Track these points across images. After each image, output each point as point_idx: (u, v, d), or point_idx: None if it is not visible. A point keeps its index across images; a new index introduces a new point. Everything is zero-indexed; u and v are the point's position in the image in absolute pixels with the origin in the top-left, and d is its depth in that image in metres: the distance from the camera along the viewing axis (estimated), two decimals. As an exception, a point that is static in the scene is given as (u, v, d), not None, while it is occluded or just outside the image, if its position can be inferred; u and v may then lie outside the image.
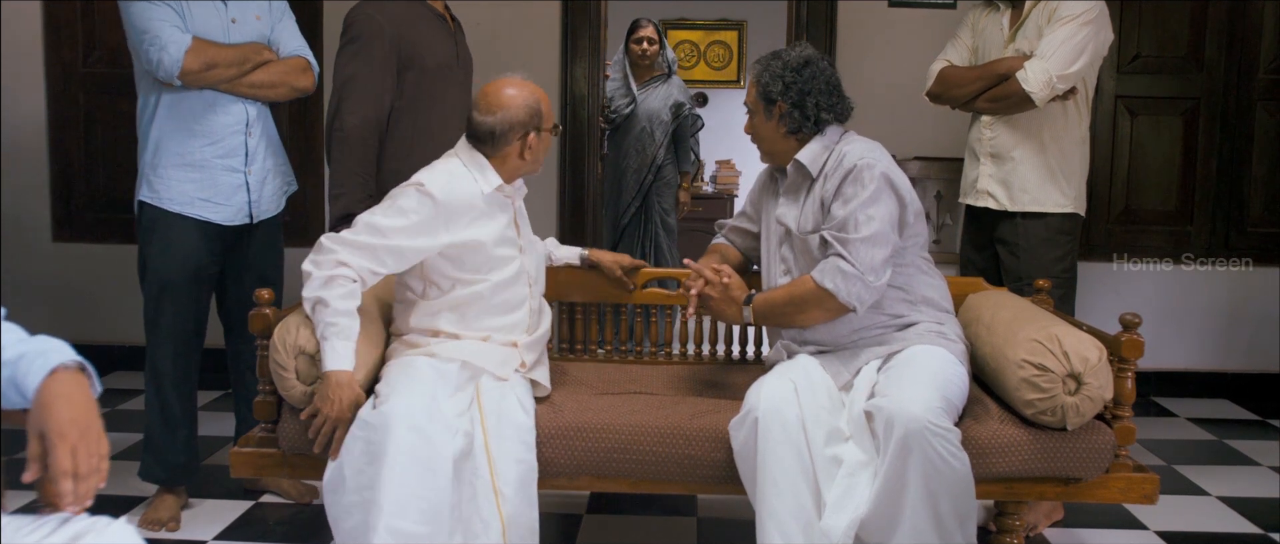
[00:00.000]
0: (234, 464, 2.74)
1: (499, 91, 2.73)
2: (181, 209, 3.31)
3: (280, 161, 3.53)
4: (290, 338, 2.57)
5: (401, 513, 2.41)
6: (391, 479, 2.41)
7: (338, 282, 2.56)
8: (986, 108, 3.53)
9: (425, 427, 2.45)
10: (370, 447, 2.46)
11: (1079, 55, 3.37)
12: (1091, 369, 2.52)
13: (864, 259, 2.62)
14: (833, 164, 2.75)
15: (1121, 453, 2.64)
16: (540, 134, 2.77)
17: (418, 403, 2.48)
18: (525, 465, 2.56)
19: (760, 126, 2.85)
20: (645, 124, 5.64)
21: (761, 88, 2.81)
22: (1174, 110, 4.91)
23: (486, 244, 2.70)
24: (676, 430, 2.65)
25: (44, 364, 1.70)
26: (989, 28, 3.62)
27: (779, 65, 2.80)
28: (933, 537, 2.41)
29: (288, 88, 3.40)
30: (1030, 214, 3.53)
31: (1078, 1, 3.39)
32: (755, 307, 2.77)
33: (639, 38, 5.68)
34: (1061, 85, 3.37)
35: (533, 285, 2.87)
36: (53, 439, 1.63)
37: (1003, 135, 3.54)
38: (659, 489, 2.72)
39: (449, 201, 2.64)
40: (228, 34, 3.30)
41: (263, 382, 2.70)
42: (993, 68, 3.49)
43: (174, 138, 3.30)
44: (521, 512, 2.53)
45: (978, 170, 3.64)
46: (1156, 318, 4.97)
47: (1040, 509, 3.36)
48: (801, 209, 2.81)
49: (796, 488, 2.47)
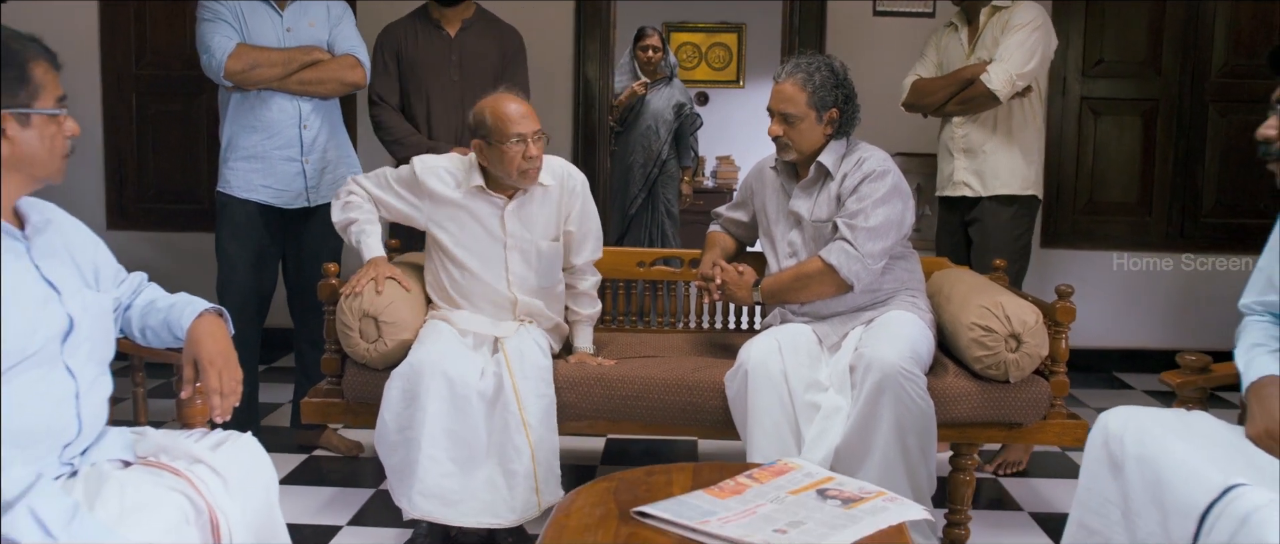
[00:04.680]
0: (305, 411, 3.22)
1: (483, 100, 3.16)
2: (247, 195, 3.80)
3: (344, 152, 3.99)
4: (355, 305, 3.05)
5: (436, 444, 2.92)
6: (426, 418, 2.91)
7: (353, 203, 3.25)
8: (956, 109, 4.02)
9: (451, 370, 2.93)
10: (406, 393, 2.95)
11: (1032, 56, 3.88)
12: (1029, 330, 2.99)
13: (867, 246, 3.06)
14: (850, 165, 3.17)
15: (1056, 402, 3.11)
16: (490, 145, 3.09)
17: (445, 350, 2.97)
18: (546, 399, 3.04)
19: (807, 131, 3.16)
20: (650, 123, 6.10)
21: (815, 96, 3.13)
22: (1134, 111, 5.34)
23: (453, 230, 3.17)
24: (680, 382, 3.12)
25: (192, 310, 2.19)
26: (950, 45, 4.12)
27: (828, 75, 3.15)
28: (900, 466, 2.86)
29: (337, 83, 3.85)
30: (1000, 197, 4.02)
31: (1027, 10, 3.90)
32: (763, 288, 3.21)
33: (645, 45, 6.12)
34: (1020, 83, 3.87)
35: (514, 286, 3.22)
36: (204, 365, 2.13)
37: (973, 132, 4.04)
38: (665, 432, 3.20)
39: (425, 181, 3.18)
40: (282, 40, 3.77)
41: (329, 341, 3.18)
42: (959, 74, 3.99)
43: (240, 133, 3.79)
44: (545, 438, 3.01)
45: (953, 165, 4.12)
46: (1118, 301, 5.44)
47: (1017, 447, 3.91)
48: (815, 201, 3.23)
49: (779, 428, 2.94)
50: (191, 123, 5.41)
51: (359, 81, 3.90)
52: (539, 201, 3.21)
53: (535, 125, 3.09)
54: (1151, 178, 5.39)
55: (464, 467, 2.95)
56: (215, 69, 3.67)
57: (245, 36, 3.72)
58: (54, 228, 2.06)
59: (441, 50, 4.04)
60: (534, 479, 2.97)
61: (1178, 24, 5.26)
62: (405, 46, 4.07)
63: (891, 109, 4.34)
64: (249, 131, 3.79)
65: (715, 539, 1.91)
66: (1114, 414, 2.16)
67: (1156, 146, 5.36)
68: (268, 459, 2.18)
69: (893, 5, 5.25)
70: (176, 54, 5.35)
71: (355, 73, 3.88)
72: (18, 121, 1.89)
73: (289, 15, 3.81)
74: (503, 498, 2.97)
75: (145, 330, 2.26)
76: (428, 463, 2.91)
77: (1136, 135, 5.37)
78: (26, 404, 1.87)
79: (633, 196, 6.10)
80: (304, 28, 3.83)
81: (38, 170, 1.95)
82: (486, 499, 2.97)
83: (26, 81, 1.90)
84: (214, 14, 3.70)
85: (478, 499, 2.96)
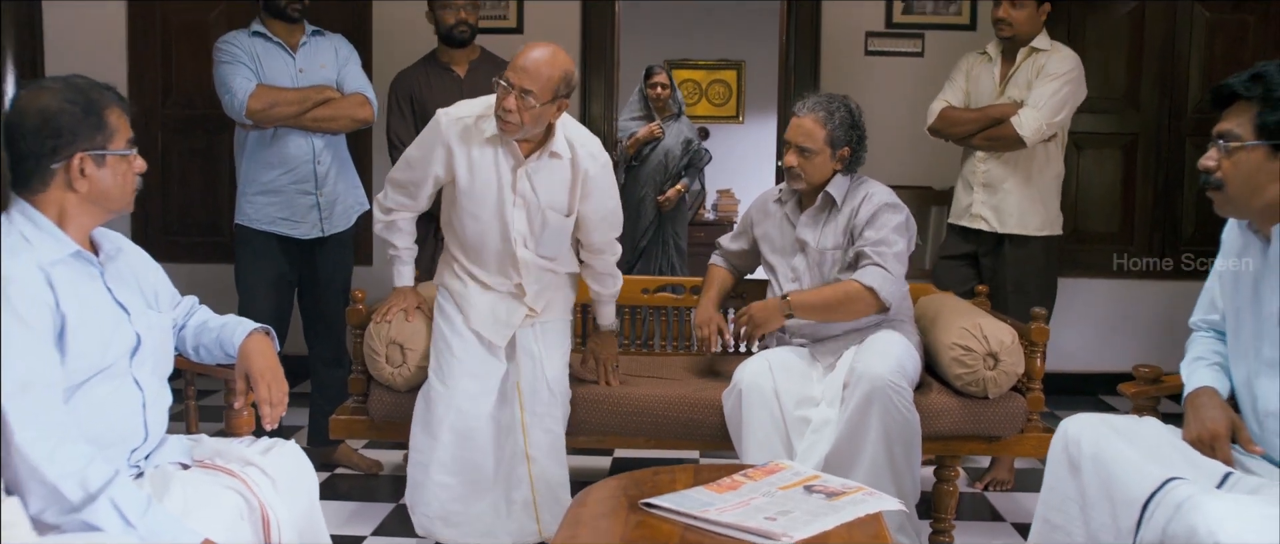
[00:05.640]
0: (333, 428, 3.46)
1: None
2: (265, 227, 4.06)
3: (351, 184, 4.25)
4: (384, 332, 3.29)
5: (446, 471, 3.17)
6: (437, 447, 3.16)
7: (394, 227, 3.33)
8: (983, 145, 4.21)
9: (464, 405, 3.16)
10: (426, 424, 3.20)
11: (1063, 107, 4.09)
12: (1005, 349, 3.23)
13: (896, 269, 3.29)
14: (859, 198, 3.38)
15: (1032, 417, 3.35)
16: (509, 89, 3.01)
17: (459, 387, 3.17)
18: (552, 435, 3.26)
19: (820, 165, 3.36)
20: (661, 158, 6.24)
21: (833, 134, 3.33)
22: (1115, 145, 5.57)
23: (461, 171, 3.15)
24: (681, 400, 3.37)
25: (243, 330, 2.45)
26: (981, 76, 4.29)
27: (846, 116, 3.37)
28: (886, 472, 3.07)
29: (348, 119, 4.11)
30: (1015, 236, 4.22)
31: (1065, 60, 4.11)
32: (794, 303, 3.32)
33: (654, 82, 6.30)
34: (1048, 131, 4.07)
35: (521, 242, 3.20)
36: (255, 378, 2.38)
37: (995, 168, 4.21)
38: (668, 447, 3.43)
39: (450, 125, 3.15)
40: (295, 80, 4.04)
41: (356, 363, 3.42)
42: (989, 112, 4.17)
43: (256, 169, 4.05)
44: (549, 470, 3.24)
45: (971, 197, 4.30)
46: (1102, 326, 5.66)
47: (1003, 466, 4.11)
48: (821, 230, 3.43)
49: (771, 441, 3.16)
50: (214, 159, 5.63)
51: (368, 118, 4.15)
52: (550, 170, 3.20)
53: (527, 84, 2.98)
54: (1133, 208, 5.61)
55: (470, 492, 3.21)
56: (237, 109, 3.92)
57: (261, 77, 3.99)
58: (123, 255, 2.31)
59: (452, 90, 4.26)
60: (533, 506, 3.23)
61: (1155, 63, 5.50)
62: (418, 90, 4.29)
63: (882, 141, 4.51)
64: (266, 167, 4.04)
65: (713, 525, 2.16)
66: (1072, 421, 2.41)
67: (1137, 179, 5.58)
68: (309, 464, 2.42)
69: (883, 46, 5.51)
70: (200, 94, 5.58)
71: (365, 110, 4.12)
72: (94, 162, 2.14)
73: (301, 56, 4.08)
74: (503, 523, 3.24)
75: (199, 348, 2.51)
76: (436, 488, 3.18)
77: (1118, 168, 5.59)
78: (102, 412, 2.12)
79: (644, 229, 6.26)
80: (315, 68, 4.09)
81: (112, 204, 2.21)
82: (488, 523, 3.24)
83: (103, 126, 2.15)
84: (232, 56, 3.97)
85: (480, 522, 3.23)
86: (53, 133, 2.10)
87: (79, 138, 2.12)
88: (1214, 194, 2.32)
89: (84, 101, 2.14)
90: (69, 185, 2.14)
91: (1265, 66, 2.23)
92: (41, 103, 2.11)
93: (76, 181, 2.13)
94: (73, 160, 2.12)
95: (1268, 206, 2.24)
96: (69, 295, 2.08)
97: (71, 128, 2.11)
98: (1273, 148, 2.20)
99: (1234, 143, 2.24)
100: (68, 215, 2.16)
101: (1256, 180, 2.23)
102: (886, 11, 5.51)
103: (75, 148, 2.12)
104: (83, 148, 2.13)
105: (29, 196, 2.14)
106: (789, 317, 3.35)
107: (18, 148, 2.12)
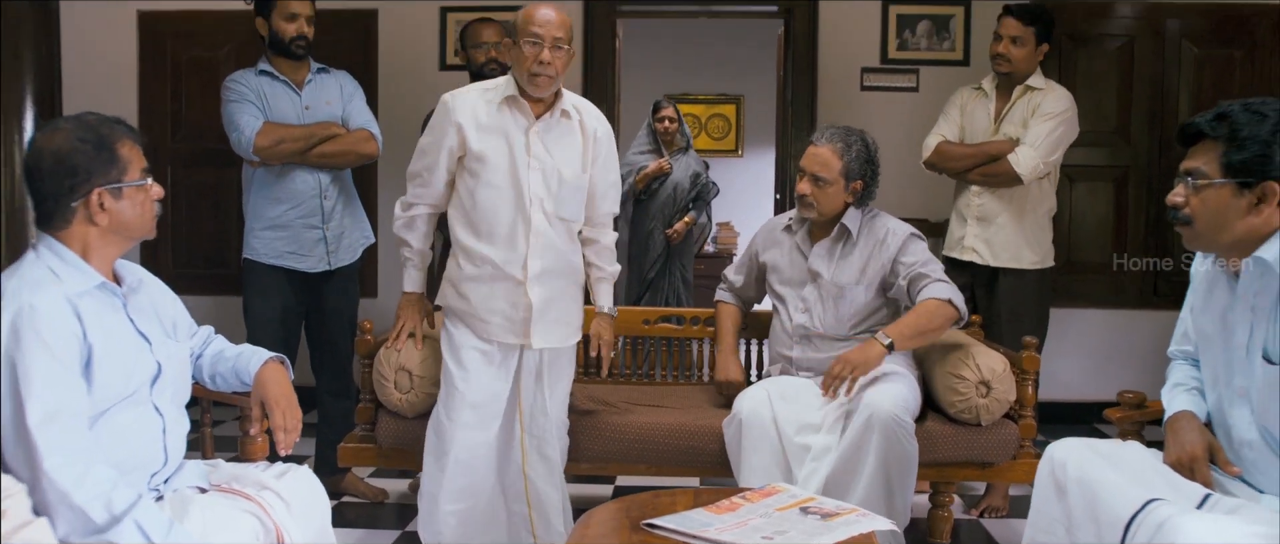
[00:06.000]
0: (342, 456, 3.54)
1: None
2: (272, 261, 4.14)
3: (357, 219, 4.34)
4: (392, 358, 3.38)
5: (453, 500, 3.26)
6: (446, 477, 3.24)
7: (412, 224, 3.35)
8: (979, 180, 4.31)
9: (470, 438, 3.24)
10: (438, 455, 3.27)
11: (1059, 146, 4.22)
12: (997, 377, 3.32)
13: (948, 281, 3.36)
14: (880, 231, 3.45)
15: (1025, 443, 3.43)
16: (514, 44, 3.15)
17: (461, 418, 3.23)
18: (550, 462, 3.34)
19: (833, 195, 3.42)
20: (670, 192, 6.26)
21: (848, 165, 3.39)
22: (1107, 177, 5.68)
23: (474, 141, 3.19)
24: (682, 428, 3.45)
25: (258, 359, 2.54)
26: (976, 111, 4.40)
27: (862, 149, 3.42)
28: (881, 498, 3.12)
29: (354, 155, 4.21)
30: (1008, 269, 4.31)
31: (1059, 100, 4.23)
32: (894, 338, 3.25)
33: (661, 116, 6.34)
34: (1044, 170, 4.19)
35: (533, 206, 3.21)
36: (270, 405, 2.47)
37: (989, 202, 4.31)
38: (668, 474, 3.50)
39: (457, 102, 3.24)
40: (301, 117, 4.14)
41: (365, 392, 3.50)
42: (985, 149, 4.28)
43: (264, 204, 4.14)
44: (546, 494, 3.32)
45: (965, 230, 4.39)
46: (1096, 355, 5.74)
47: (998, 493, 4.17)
48: (836, 263, 3.48)
49: (771, 471, 3.22)
50: (222, 193, 5.73)
51: (373, 153, 4.24)
52: (562, 130, 3.28)
53: (558, 33, 3.11)
54: (1125, 239, 5.69)
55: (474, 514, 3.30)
56: (244, 146, 4.02)
57: (268, 114, 4.08)
58: (144, 287, 2.41)
59: None
60: (530, 524, 3.33)
61: (1145, 98, 5.61)
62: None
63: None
64: (273, 203, 4.13)
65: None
66: (1058, 445, 2.49)
67: (1129, 210, 5.69)
68: (322, 488, 2.50)
69: (878, 81, 5.64)
70: (209, 129, 5.67)
71: (369, 145, 4.22)
72: (111, 195, 2.24)
73: (307, 94, 4.18)
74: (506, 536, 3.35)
75: (216, 377, 2.60)
76: (445, 516, 3.26)
77: (1109, 200, 5.69)
78: (125, 438, 2.21)
79: (652, 261, 6.28)
80: (321, 105, 4.20)
81: (133, 233, 2.30)
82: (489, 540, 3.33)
83: (116, 160, 2.25)
84: (239, 95, 4.07)
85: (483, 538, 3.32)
86: (69, 172, 2.19)
87: (94, 174, 2.21)
88: (1183, 229, 2.40)
89: (95, 138, 2.23)
90: (90, 220, 2.23)
91: (1230, 106, 2.30)
92: (55, 144, 2.21)
93: (96, 215, 2.23)
94: (91, 196, 2.22)
95: (1234, 242, 2.32)
96: (95, 326, 2.17)
97: (86, 165, 2.20)
98: (1238, 185, 2.27)
99: (1201, 180, 2.32)
100: (91, 248, 2.25)
101: (1223, 217, 2.31)
102: (881, 47, 5.64)
103: (92, 184, 2.21)
104: (99, 183, 2.22)
105: (53, 233, 2.24)
106: (890, 347, 3.28)
107: (38, 189, 2.22)
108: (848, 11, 5.64)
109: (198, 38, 5.72)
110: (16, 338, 2.06)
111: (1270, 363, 2.26)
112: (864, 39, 5.65)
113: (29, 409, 2.02)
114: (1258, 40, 5.54)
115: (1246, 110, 2.28)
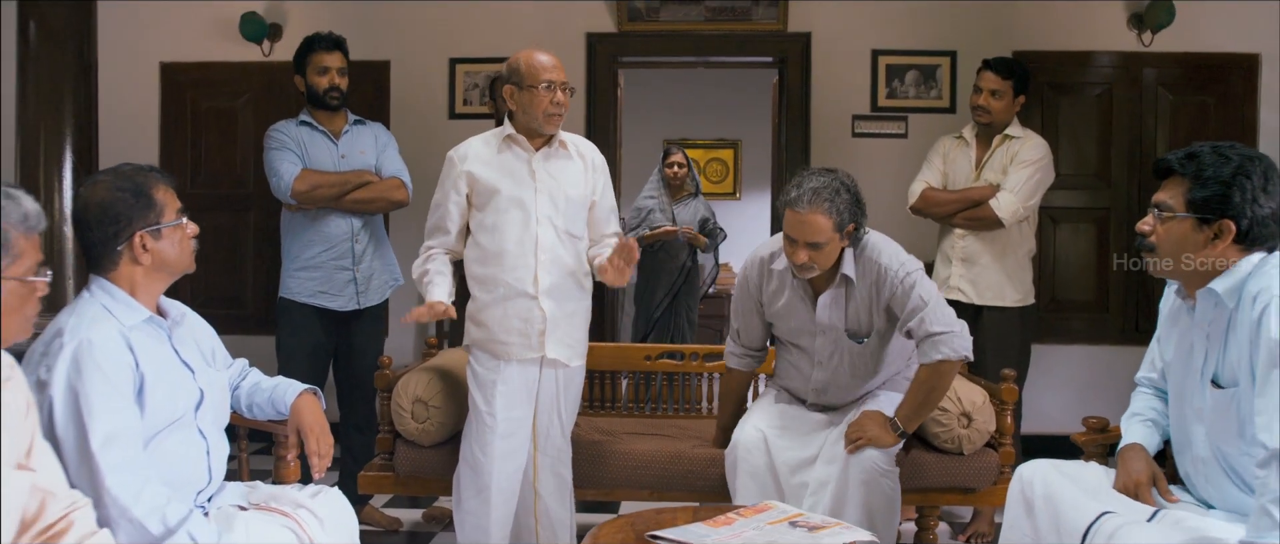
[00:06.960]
0: (361, 484, 3.74)
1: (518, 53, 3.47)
2: (305, 300, 4.38)
3: (386, 262, 4.58)
4: (409, 390, 3.60)
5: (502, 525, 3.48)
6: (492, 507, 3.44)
7: (433, 258, 3.51)
8: (963, 224, 4.56)
9: (507, 467, 3.44)
10: (477, 490, 3.45)
11: (1037, 191, 4.49)
12: (977, 408, 3.54)
13: (944, 317, 3.29)
14: (872, 273, 3.34)
15: (1005, 470, 3.63)
16: (521, 89, 3.42)
17: (500, 451, 3.42)
18: (560, 479, 3.56)
19: (831, 251, 3.28)
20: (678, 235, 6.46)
21: (839, 219, 3.22)
22: (1089, 219, 5.89)
23: (483, 178, 3.43)
24: (682, 455, 3.67)
25: (294, 390, 2.77)
26: (958, 159, 4.66)
27: (846, 196, 3.25)
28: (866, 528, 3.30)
29: (384, 202, 4.47)
30: (991, 307, 4.55)
31: (1036, 147, 4.49)
32: (905, 421, 3.31)
33: (671, 162, 6.58)
34: (1024, 213, 4.45)
35: (542, 224, 3.42)
36: (305, 432, 2.70)
37: (972, 244, 4.56)
38: (670, 499, 3.70)
39: (462, 153, 3.49)
40: (337, 165, 4.40)
41: (383, 423, 3.72)
42: (968, 194, 4.54)
43: (299, 246, 4.39)
44: (554, 510, 3.54)
45: (950, 270, 4.63)
46: (1080, 391, 5.91)
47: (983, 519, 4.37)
48: (846, 312, 3.40)
49: (766, 502, 3.36)
50: (239, 236, 5.96)
51: (403, 200, 4.49)
52: (561, 159, 3.51)
53: (563, 76, 3.44)
54: (1107, 278, 5.90)
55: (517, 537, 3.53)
56: (283, 191, 4.28)
57: (306, 162, 4.34)
58: (186, 320, 2.64)
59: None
60: (536, 535, 3.54)
61: (1124, 143, 5.85)
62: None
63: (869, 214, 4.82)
64: (308, 245, 4.38)
65: (711, 554, 2.47)
66: (1026, 466, 2.72)
67: (1110, 250, 5.87)
68: (350, 507, 2.72)
69: (869, 128, 5.88)
70: (226, 175, 5.97)
71: (400, 193, 4.47)
72: (152, 236, 2.47)
73: (343, 143, 4.44)
74: None
75: (252, 407, 2.83)
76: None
77: (1092, 240, 5.90)
78: (173, 459, 2.43)
79: (658, 302, 6.51)
80: (356, 154, 4.45)
81: (175, 268, 2.54)
82: None
83: (153, 204, 2.49)
84: (280, 143, 4.34)
85: None
86: (112, 220, 2.43)
87: (134, 219, 2.45)
88: (1147, 256, 2.61)
89: (132, 187, 2.47)
90: (134, 260, 2.46)
91: (1200, 147, 2.50)
92: (98, 196, 2.44)
93: (140, 256, 2.46)
94: (133, 239, 2.45)
95: (1192, 273, 2.54)
96: (145, 356, 2.40)
97: (126, 213, 2.44)
98: (1198, 221, 2.48)
99: (1167, 213, 2.54)
100: (138, 285, 2.48)
101: (1182, 248, 2.52)
102: (872, 95, 5.88)
103: (133, 228, 2.45)
104: (139, 227, 2.45)
105: (104, 274, 2.47)
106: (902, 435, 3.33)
107: (86, 237, 2.46)
108: (839, 61, 5.89)
109: (216, 88, 5.97)
110: (78, 369, 2.28)
111: (1218, 387, 2.47)
112: (855, 87, 5.89)
113: (92, 433, 2.24)
114: (1229, 88, 5.79)
115: (1214, 152, 2.47)
